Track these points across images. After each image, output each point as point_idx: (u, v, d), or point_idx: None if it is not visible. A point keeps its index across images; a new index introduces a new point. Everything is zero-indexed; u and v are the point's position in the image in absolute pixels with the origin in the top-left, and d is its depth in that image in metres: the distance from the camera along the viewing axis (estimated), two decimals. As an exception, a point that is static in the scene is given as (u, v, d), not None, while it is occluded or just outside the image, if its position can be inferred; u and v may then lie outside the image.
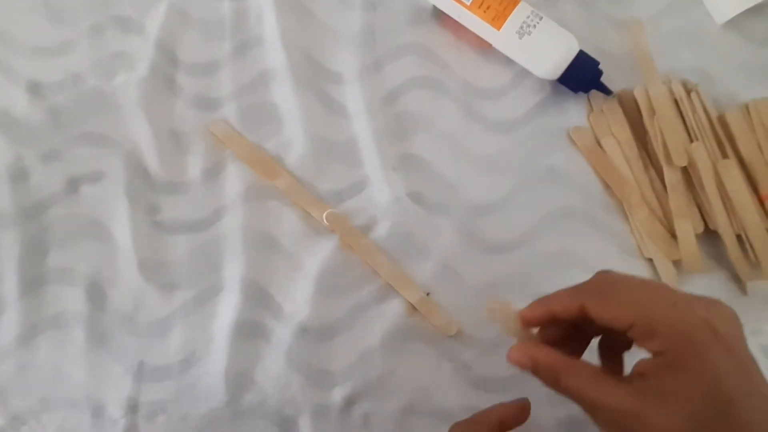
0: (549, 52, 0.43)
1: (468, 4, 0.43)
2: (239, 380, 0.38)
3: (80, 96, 0.43)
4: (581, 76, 0.44)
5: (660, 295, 0.28)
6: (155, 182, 0.42)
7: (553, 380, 0.28)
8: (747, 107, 0.45)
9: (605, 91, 0.45)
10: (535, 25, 0.43)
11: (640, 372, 0.27)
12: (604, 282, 0.30)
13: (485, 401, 0.39)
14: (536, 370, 0.29)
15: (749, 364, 0.26)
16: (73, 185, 0.41)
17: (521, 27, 0.43)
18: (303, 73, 0.45)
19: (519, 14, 0.43)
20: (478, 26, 0.44)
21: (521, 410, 0.32)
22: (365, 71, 0.46)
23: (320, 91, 0.45)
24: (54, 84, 0.44)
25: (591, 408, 0.27)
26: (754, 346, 0.42)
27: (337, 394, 0.38)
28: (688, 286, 0.42)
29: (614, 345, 0.32)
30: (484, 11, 0.43)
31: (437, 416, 0.39)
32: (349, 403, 0.38)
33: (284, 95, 0.45)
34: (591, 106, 0.47)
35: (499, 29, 0.43)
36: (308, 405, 0.38)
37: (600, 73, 0.44)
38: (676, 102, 0.45)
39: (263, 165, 0.43)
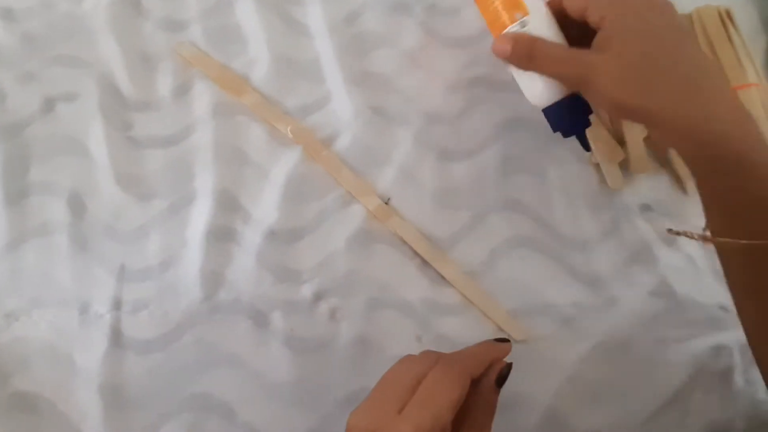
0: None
1: None
2: (213, 279, 0.41)
3: (52, 20, 0.45)
4: (567, 117, 0.38)
5: None
6: (127, 100, 0.45)
7: (528, 51, 0.33)
8: (691, 16, 0.47)
9: (584, 144, 0.39)
10: None
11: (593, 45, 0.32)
12: None
13: (445, 295, 0.43)
14: (515, 48, 0.33)
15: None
16: (49, 105, 0.44)
17: None
18: (265, -5, 0.47)
19: None
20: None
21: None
22: (326, -9, 0.48)
23: (282, 12, 0.47)
24: (26, 9, 0.46)
25: (557, 71, 0.33)
26: (692, 241, 0.46)
27: (306, 291, 0.42)
28: (634, 187, 0.45)
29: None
30: None
31: (400, 309, 0.42)
32: (318, 298, 0.42)
33: (248, 16, 0.47)
34: (544, 21, 0.49)
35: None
36: (279, 301, 0.41)
37: (587, 124, 0.38)
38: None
39: (230, 83, 0.45)
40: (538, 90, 0.37)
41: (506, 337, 0.37)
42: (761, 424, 0.44)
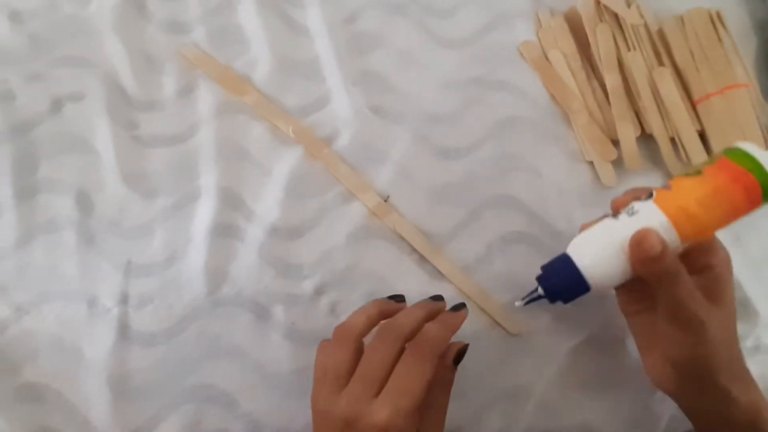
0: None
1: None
2: (217, 274, 0.42)
3: (57, 21, 0.47)
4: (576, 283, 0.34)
5: None
6: (133, 100, 0.46)
7: (674, 272, 0.31)
8: (682, 18, 0.48)
9: (531, 300, 0.37)
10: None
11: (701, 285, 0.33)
12: None
13: (442, 289, 0.44)
14: (665, 255, 0.31)
15: None
16: (57, 104, 0.45)
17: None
18: (266, -4, 0.48)
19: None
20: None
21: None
22: (325, -7, 0.49)
23: (283, 13, 0.48)
24: (32, 11, 0.47)
25: (680, 304, 0.32)
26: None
27: (307, 285, 0.43)
28: (627, 184, 0.47)
29: None
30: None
31: (397, 303, 0.43)
32: (318, 292, 0.43)
33: (249, 17, 0.48)
34: (539, 21, 0.50)
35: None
36: (281, 295, 0.43)
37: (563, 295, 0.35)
38: (617, 16, 0.48)
39: (232, 83, 0.46)
40: (605, 261, 0.33)
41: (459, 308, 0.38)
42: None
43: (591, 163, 0.47)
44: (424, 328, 0.34)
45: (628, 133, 0.46)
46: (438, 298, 0.39)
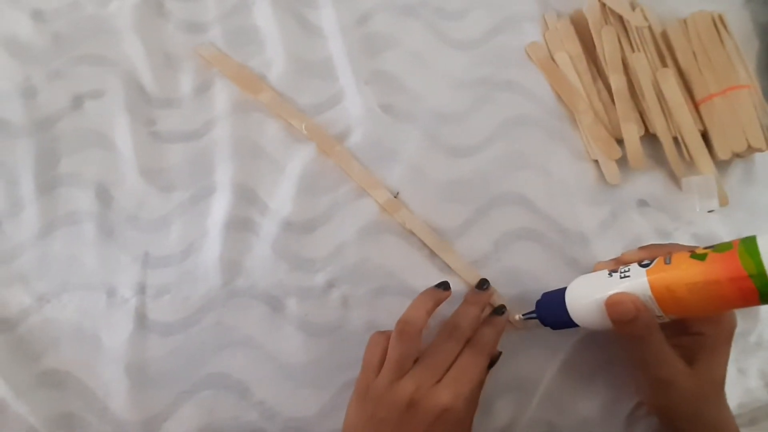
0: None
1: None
2: (232, 267, 0.44)
3: (79, 20, 0.48)
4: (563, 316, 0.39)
5: None
6: (151, 98, 0.47)
7: (646, 335, 0.35)
8: (686, 21, 0.49)
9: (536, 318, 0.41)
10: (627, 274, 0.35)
11: (688, 346, 0.37)
12: None
13: (451, 283, 0.45)
14: (637, 319, 0.34)
15: None
16: (78, 101, 0.46)
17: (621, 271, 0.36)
18: (281, -2, 0.50)
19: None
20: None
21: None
22: (339, -5, 0.50)
23: (297, 14, 0.50)
24: (54, 10, 0.48)
25: (649, 363, 0.36)
26: (687, 234, 0.48)
27: (320, 278, 0.44)
28: (632, 183, 0.48)
29: None
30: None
31: (408, 296, 0.44)
32: (330, 285, 0.44)
33: (265, 18, 0.49)
34: (546, 24, 0.51)
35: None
36: (294, 287, 0.44)
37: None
38: (622, 19, 0.50)
39: (248, 81, 0.48)
40: (589, 311, 0.37)
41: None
42: (753, 411, 0.46)
43: (596, 161, 0.48)
44: (480, 331, 0.40)
45: (632, 133, 0.47)
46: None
